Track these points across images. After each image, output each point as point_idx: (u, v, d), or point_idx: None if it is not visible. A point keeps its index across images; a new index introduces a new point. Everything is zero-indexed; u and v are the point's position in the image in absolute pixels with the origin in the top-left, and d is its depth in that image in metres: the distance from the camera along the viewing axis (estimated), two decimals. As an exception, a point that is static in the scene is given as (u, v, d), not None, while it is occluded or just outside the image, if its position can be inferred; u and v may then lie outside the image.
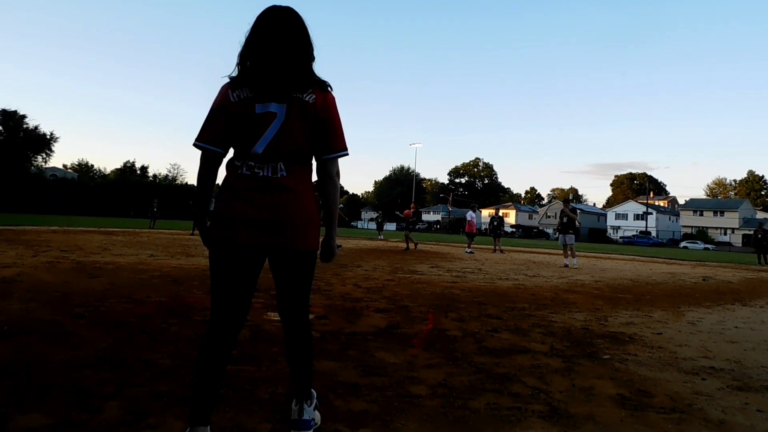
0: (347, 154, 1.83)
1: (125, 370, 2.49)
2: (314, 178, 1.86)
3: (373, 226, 60.69)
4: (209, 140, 1.73)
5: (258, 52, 1.70)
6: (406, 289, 6.08)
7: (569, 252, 11.68)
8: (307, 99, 1.72)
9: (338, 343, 3.24)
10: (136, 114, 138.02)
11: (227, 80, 1.76)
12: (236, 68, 1.76)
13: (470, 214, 17.56)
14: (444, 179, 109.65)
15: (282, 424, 1.94)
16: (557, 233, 12.13)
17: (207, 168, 1.75)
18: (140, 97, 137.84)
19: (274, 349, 2.99)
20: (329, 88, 1.80)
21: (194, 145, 1.73)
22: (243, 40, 1.74)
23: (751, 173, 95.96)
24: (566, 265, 11.38)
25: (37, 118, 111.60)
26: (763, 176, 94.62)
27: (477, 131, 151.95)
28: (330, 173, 1.81)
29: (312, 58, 1.77)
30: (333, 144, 1.78)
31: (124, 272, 6.29)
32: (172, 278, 5.97)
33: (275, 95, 1.71)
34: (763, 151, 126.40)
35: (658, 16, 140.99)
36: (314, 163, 1.83)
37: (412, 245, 15.92)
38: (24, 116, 48.69)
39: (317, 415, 1.94)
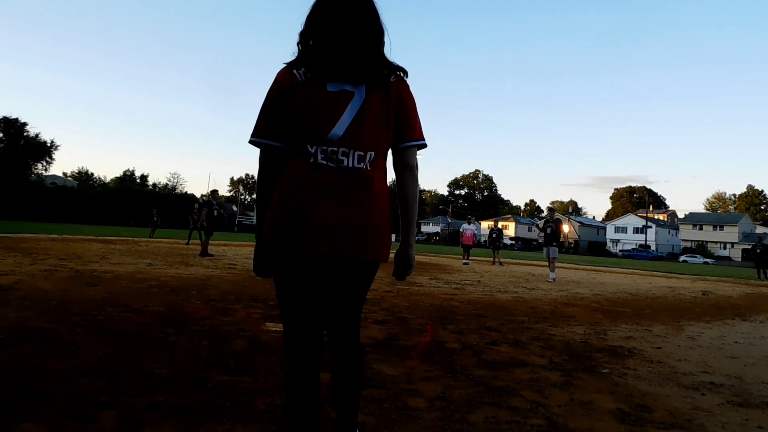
0: (426, 146, 1.57)
1: (122, 379, 2.47)
2: None
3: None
4: (267, 134, 1.46)
5: (330, 27, 1.42)
6: (405, 301, 6.06)
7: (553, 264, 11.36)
8: (386, 81, 1.48)
9: (336, 355, 3.22)
10: (136, 123, 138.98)
11: (283, 65, 1.50)
12: (297, 49, 1.50)
13: (464, 226, 17.69)
14: (443, 191, 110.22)
15: (279, 436, 1.92)
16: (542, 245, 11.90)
17: (268, 168, 1.49)
18: (141, 106, 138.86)
19: (271, 360, 2.97)
20: (406, 75, 1.55)
21: (250, 142, 1.49)
22: (304, 19, 1.48)
23: (750, 188, 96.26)
24: (554, 279, 10.92)
25: (38, 126, 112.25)
26: (762, 191, 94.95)
27: (477, 143, 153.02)
28: (410, 164, 1.53)
29: (384, 42, 1.50)
30: (413, 131, 1.53)
31: (122, 281, 6.28)
32: (170, 288, 5.96)
33: (350, 75, 1.44)
34: (763, 165, 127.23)
35: (658, 30, 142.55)
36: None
37: None
38: (25, 124, 49.00)
39: None
